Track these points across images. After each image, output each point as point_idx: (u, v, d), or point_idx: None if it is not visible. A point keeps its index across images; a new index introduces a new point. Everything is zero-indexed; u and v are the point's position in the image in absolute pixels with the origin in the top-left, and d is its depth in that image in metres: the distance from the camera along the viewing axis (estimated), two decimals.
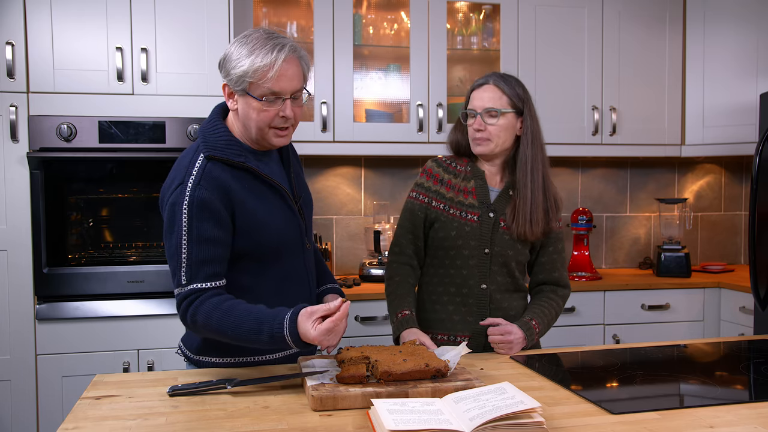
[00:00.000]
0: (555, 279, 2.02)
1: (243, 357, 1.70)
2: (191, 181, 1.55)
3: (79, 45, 2.65)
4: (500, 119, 1.89)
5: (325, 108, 3.08)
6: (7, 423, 2.61)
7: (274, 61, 1.53)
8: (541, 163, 1.93)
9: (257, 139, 1.63)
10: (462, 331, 1.94)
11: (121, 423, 1.29)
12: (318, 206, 3.43)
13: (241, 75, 1.54)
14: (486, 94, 1.91)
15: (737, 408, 1.38)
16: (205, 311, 1.52)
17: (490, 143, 1.91)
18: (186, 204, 1.54)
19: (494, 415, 1.18)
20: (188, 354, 1.74)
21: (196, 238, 1.53)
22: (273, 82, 1.54)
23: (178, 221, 1.54)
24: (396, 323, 1.88)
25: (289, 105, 1.58)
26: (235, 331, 1.50)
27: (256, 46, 1.54)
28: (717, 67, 3.43)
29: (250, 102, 1.56)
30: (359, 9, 3.28)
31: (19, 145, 2.60)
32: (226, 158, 1.59)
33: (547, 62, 3.31)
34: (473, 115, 1.92)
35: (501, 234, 1.93)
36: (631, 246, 3.84)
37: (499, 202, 1.95)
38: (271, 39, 1.56)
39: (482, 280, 1.93)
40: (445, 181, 1.98)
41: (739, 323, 3.14)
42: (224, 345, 1.63)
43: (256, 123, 1.58)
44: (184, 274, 1.54)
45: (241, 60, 1.54)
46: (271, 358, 1.73)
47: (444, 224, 1.94)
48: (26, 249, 2.62)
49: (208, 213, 1.54)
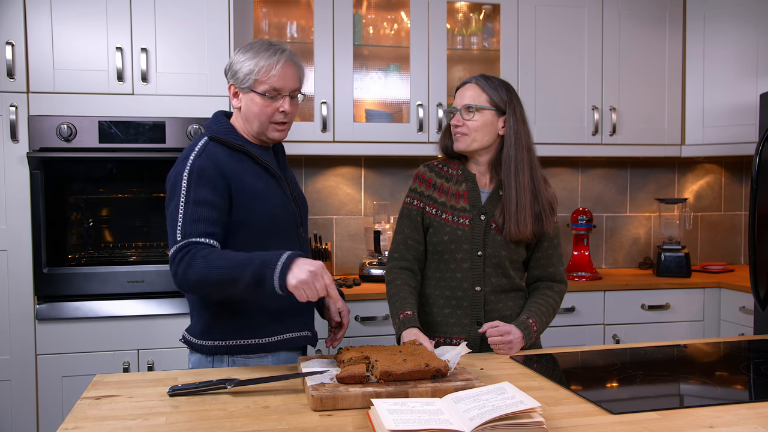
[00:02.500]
0: (550, 274, 2.02)
1: (245, 339, 1.74)
2: (192, 156, 1.70)
3: (79, 45, 2.65)
4: (476, 115, 1.92)
5: (325, 108, 3.08)
6: (7, 423, 2.61)
7: (277, 61, 1.73)
8: (527, 165, 1.93)
9: (258, 134, 1.79)
10: (458, 334, 1.95)
11: (121, 423, 1.29)
12: (318, 206, 3.43)
13: (247, 73, 1.73)
14: (467, 92, 1.96)
15: (737, 408, 1.38)
16: (197, 258, 1.57)
17: (467, 138, 1.94)
18: (186, 173, 1.68)
19: (494, 415, 1.18)
20: (192, 340, 1.78)
21: (193, 200, 1.65)
22: (275, 79, 1.73)
23: (178, 189, 1.68)
24: (398, 323, 1.89)
25: (288, 101, 1.76)
26: (223, 264, 1.54)
27: (260, 50, 1.74)
28: (717, 67, 3.43)
29: (254, 98, 1.74)
30: (359, 9, 3.28)
31: (19, 145, 2.60)
32: (227, 140, 1.75)
33: (547, 62, 3.31)
34: (454, 112, 1.96)
35: (493, 236, 1.94)
36: (631, 246, 3.84)
37: (490, 204, 1.96)
38: (272, 45, 1.76)
39: (476, 283, 1.94)
40: (438, 186, 2.00)
41: (739, 323, 3.14)
42: (227, 326, 1.73)
43: (258, 117, 1.75)
44: (179, 231, 1.63)
45: (247, 61, 1.74)
46: (271, 341, 1.77)
47: (437, 229, 1.96)
48: (26, 249, 2.62)
49: (206, 180, 1.66)
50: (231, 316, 1.74)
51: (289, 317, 1.81)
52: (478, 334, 1.92)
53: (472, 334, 1.94)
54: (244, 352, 1.75)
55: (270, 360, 1.78)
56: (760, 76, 3.32)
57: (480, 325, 1.93)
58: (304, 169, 3.41)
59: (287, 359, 1.81)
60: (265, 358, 1.77)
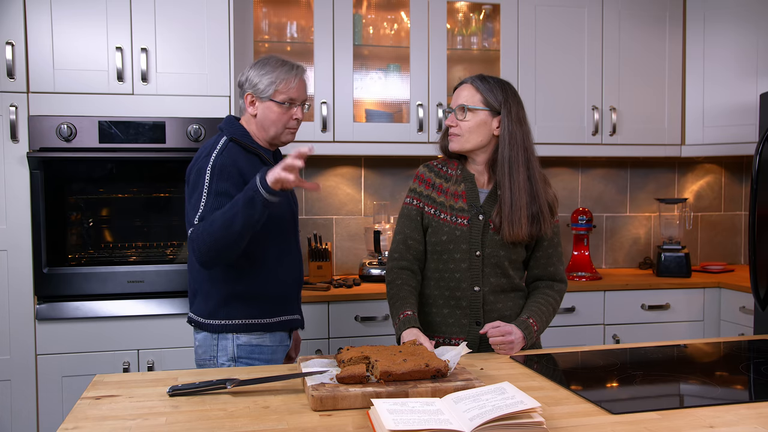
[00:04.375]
0: (550, 274, 2.01)
1: (248, 320, 1.97)
2: (215, 153, 1.92)
3: (79, 45, 2.65)
4: (469, 115, 1.92)
5: (325, 108, 3.08)
6: (7, 423, 2.61)
7: (295, 76, 1.99)
8: (523, 166, 1.90)
9: (273, 138, 2.03)
10: (457, 334, 1.95)
11: (121, 423, 1.29)
12: (318, 206, 3.43)
13: (267, 84, 1.97)
14: (462, 92, 1.96)
15: (737, 408, 1.38)
16: (201, 227, 1.83)
17: (460, 138, 1.94)
18: (209, 167, 1.89)
19: (494, 415, 1.18)
20: (199, 320, 1.99)
21: (214, 191, 1.87)
22: (293, 91, 1.99)
23: (202, 180, 1.89)
24: (398, 324, 1.89)
25: (300, 110, 2.02)
26: (218, 215, 1.80)
27: (277, 66, 1.99)
28: (717, 67, 3.43)
29: (272, 106, 1.98)
30: (359, 9, 3.28)
31: (19, 145, 2.60)
32: (243, 142, 1.99)
33: (547, 62, 3.31)
34: (449, 112, 1.98)
35: (491, 235, 1.93)
36: (631, 246, 3.84)
37: (488, 204, 1.96)
38: (287, 62, 2.01)
39: (475, 283, 1.94)
40: (437, 186, 2.00)
41: (739, 323, 3.14)
42: (232, 308, 1.96)
43: (275, 124, 2.00)
44: (198, 216, 1.86)
45: (268, 73, 1.97)
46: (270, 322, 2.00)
47: (435, 229, 1.96)
48: (26, 249, 2.62)
49: (227, 174, 1.88)
50: (241, 299, 1.97)
51: (285, 302, 2.06)
52: (477, 334, 1.92)
53: (471, 334, 1.94)
54: (247, 330, 1.97)
55: (267, 339, 2.01)
56: (760, 76, 3.32)
57: (479, 325, 1.93)
58: (304, 169, 3.40)
59: (281, 340, 2.05)
60: (263, 336, 2.00)
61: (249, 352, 1.98)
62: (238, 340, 1.96)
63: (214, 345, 1.97)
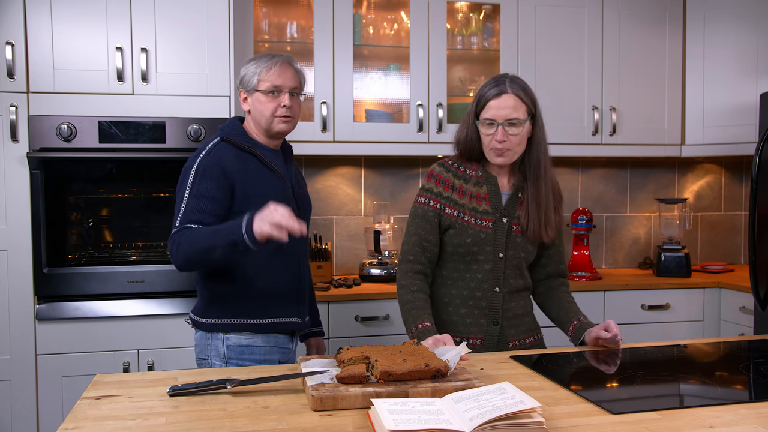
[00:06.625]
0: (561, 271, 2.06)
1: (239, 319, 1.94)
2: (202, 154, 1.92)
3: (79, 45, 2.65)
4: (519, 128, 1.87)
5: (325, 108, 3.08)
6: (7, 423, 2.61)
7: (275, 63, 1.98)
8: (550, 164, 1.96)
9: (266, 129, 2.00)
10: (475, 334, 1.95)
11: (121, 423, 1.29)
12: (318, 206, 3.43)
13: (251, 75, 1.98)
14: (507, 103, 1.85)
15: (737, 408, 1.38)
16: (183, 238, 1.81)
17: (510, 152, 1.88)
18: (194, 168, 1.90)
19: (494, 415, 1.18)
20: (195, 318, 1.99)
21: (195, 193, 1.87)
22: (275, 77, 1.97)
23: (185, 182, 1.89)
24: (415, 333, 1.84)
25: (288, 97, 1.98)
26: (204, 234, 1.79)
27: (261, 57, 2.01)
28: (717, 67, 3.43)
29: (259, 97, 1.98)
30: (359, 9, 3.28)
31: (19, 145, 2.60)
32: (236, 141, 1.96)
33: (547, 62, 3.31)
34: (493, 125, 1.86)
35: (514, 237, 1.94)
36: (631, 246, 3.84)
37: (510, 206, 1.95)
38: (270, 53, 2.03)
39: (496, 284, 1.94)
40: (457, 187, 1.95)
41: (739, 323, 3.14)
42: (222, 307, 1.94)
43: (263, 113, 1.97)
44: (179, 219, 1.86)
45: (251, 66, 2.00)
46: (262, 323, 1.95)
47: (459, 231, 1.93)
48: (26, 249, 2.62)
49: (209, 176, 1.88)
50: (227, 298, 1.95)
51: (281, 303, 1.99)
52: (495, 333, 1.94)
53: (489, 334, 1.94)
54: (235, 330, 1.94)
55: (259, 340, 1.96)
56: (760, 76, 3.32)
57: (497, 325, 1.94)
58: (304, 169, 3.41)
59: (276, 342, 1.99)
60: (254, 337, 1.96)
61: (239, 353, 1.94)
62: (228, 341, 1.94)
63: (208, 344, 1.96)
